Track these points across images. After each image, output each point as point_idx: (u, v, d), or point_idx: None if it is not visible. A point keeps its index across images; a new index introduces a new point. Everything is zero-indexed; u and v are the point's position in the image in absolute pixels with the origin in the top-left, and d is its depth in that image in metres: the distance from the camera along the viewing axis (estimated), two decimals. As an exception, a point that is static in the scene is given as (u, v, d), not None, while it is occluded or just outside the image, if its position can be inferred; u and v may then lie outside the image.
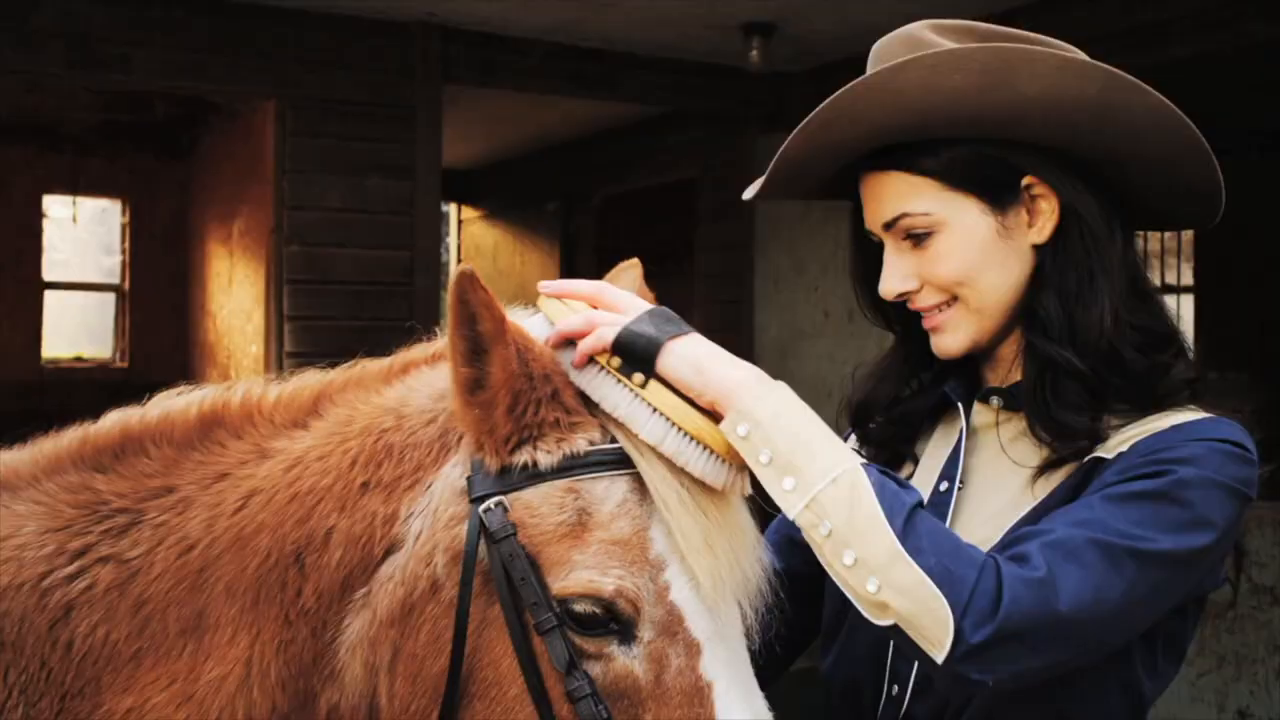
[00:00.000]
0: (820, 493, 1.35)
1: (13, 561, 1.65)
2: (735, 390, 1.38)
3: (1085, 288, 1.50)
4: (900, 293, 1.54)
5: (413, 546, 1.50)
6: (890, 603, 1.30)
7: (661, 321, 1.45)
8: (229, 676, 1.57)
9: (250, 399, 1.65)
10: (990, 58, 1.45)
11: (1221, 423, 1.46)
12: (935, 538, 1.32)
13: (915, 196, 1.51)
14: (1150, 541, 1.35)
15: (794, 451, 1.35)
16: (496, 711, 1.45)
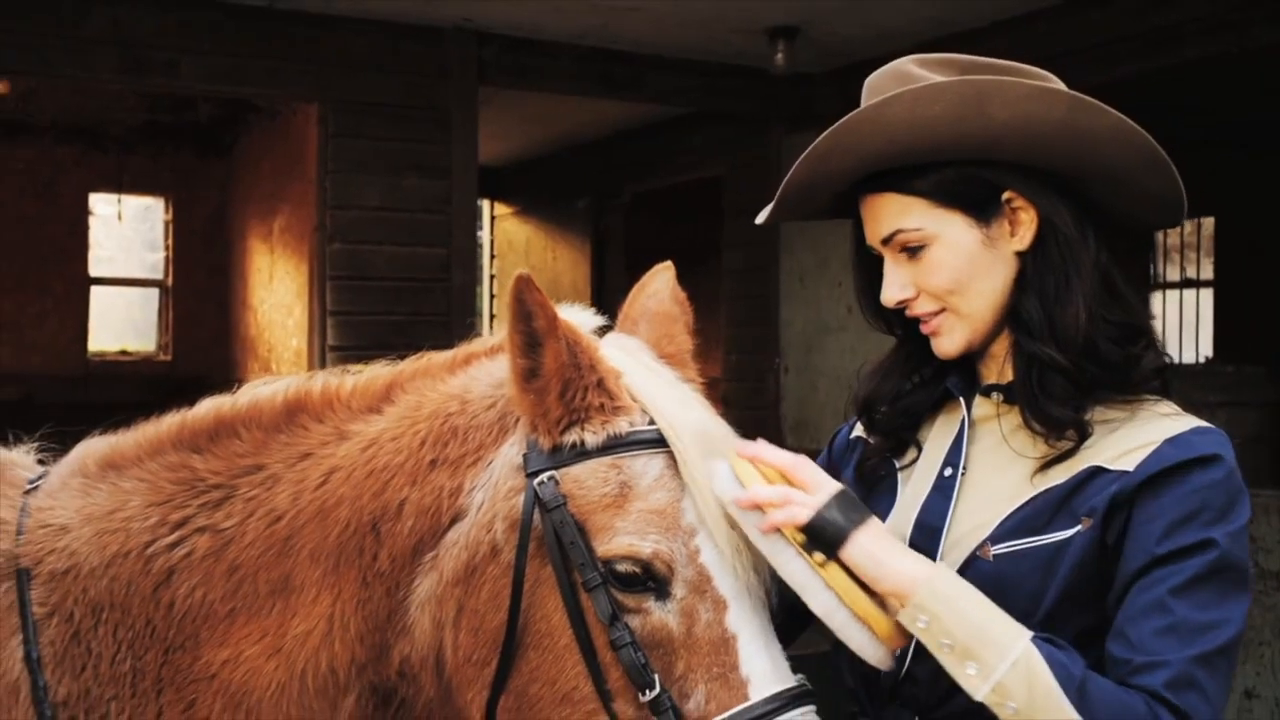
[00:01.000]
0: (1003, 677, 1.52)
1: (120, 532, 1.87)
2: (912, 586, 1.56)
3: (1062, 289, 1.68)
4: (899, 300, 1.73)
5: (475, 516, 1.71)
6: None
7: (849, 509, 1.61)
8: (314, 631, 1.79)
9: (330, 387, 1.86)
10: (965, 88, 1.63)
11: (1207, 434, 1.63)
12: (1106, 703, 1.52)
13: (908, 214, 1.70)
14: (1228, 627, 1.56)
15: (971, 639, 1.54)
16: (548, 659, 1.66)
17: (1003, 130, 1.64)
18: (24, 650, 1.84)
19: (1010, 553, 1.63)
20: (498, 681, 1.68)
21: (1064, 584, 1.61)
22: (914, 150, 1.66)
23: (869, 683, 1.78)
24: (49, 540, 1.90)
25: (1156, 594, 1.57)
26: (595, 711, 1.63)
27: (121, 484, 1.92)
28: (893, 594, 1.57)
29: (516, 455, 1.70)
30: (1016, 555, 1.63)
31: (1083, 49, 5.43)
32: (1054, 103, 1.63)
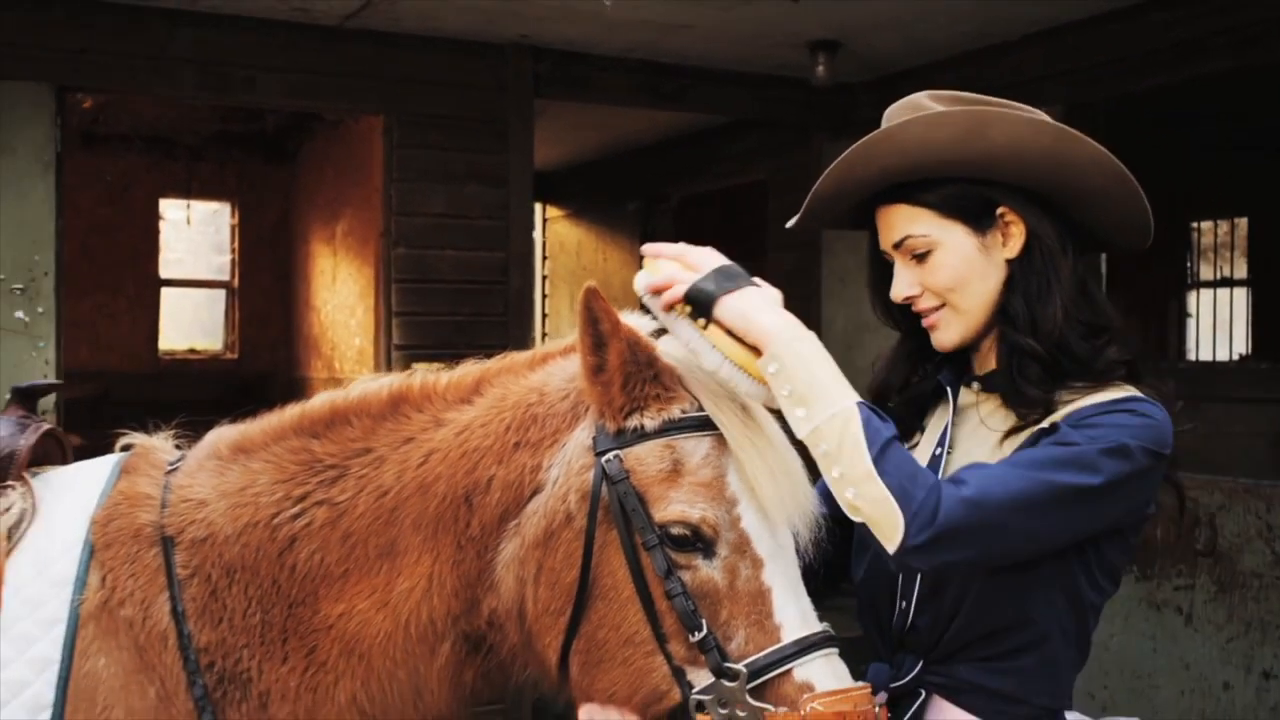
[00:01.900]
0: (822, 423, 1.83)
1: (250, 505, 2.20)
2: (769, 336, 1.86)
3: (1044, 291, 1.98)
4: (906, 296, 2.04)
5: (552, 489, 2.02)
6: (862, 508, 1.80)
7: (723, 279, 1.93)
8: (416, 588, 2.10)
9: (428, 382, 2.18)
10: (969, 117, 1.94)
11: (1138, 399, 1.94)
12: (900, 464, 1.80)
13: (916, 222, 2.01)
14: (1046, 476, 1.83)
15: (808, 388, 1.84)
16: (614, 608, 1.97)
17: (999, 153, 1.94)
18: (170, 605, 2.17)
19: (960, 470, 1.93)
20: (571, 628, 1.99)
21: None
22: (924, 166, 1.96)
23: (882, 632, 2.09)
24: (189, 513, 2.23)
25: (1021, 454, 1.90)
26: (653, 651, 1.94)
27: (251, 465, 2.25)
28: (755, 344, 1.87)
29: (587, 438, 2.01)
30: (963, 469, 1.92)
31: (1111, 61, 5.67)
32: (1043, 131, 1.94)
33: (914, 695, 2.02)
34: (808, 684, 1.86)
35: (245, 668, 2.15)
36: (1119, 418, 1.90)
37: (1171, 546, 5.39)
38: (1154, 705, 5.40)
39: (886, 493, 1.77)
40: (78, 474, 2.38)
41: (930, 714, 2.01)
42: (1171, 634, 5.39)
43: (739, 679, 1.86)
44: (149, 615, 2.16)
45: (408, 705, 2.15)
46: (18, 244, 5.42)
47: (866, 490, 1.79)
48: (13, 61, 5.38)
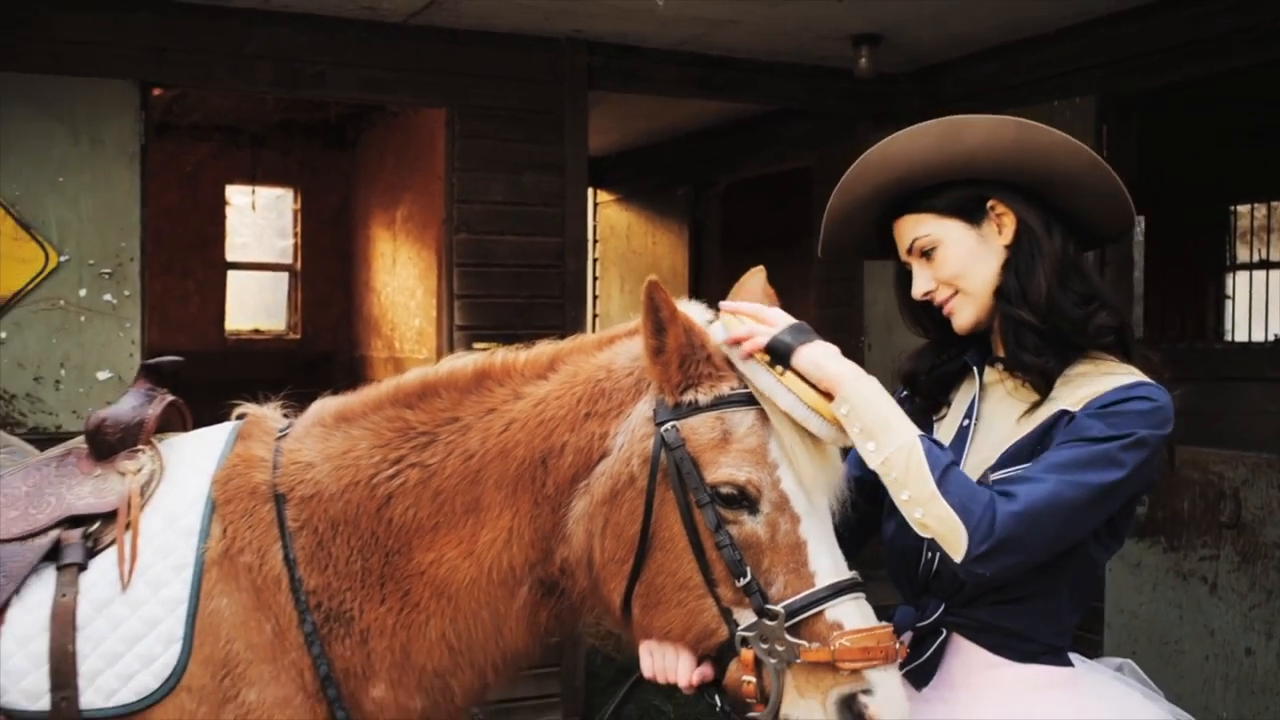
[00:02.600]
0: (890, 454, 2.11)
1: (352, 467, 2.50)
2: (840, 381, 2.15)
3: (1031, 267, 2.26)
4: (925, 292, 2.33)
5: (617, 454, 2.31)
6: (930, 524, 2.09)
7: (798, 333, 2.21)
8: (497, 539, 2.41)
9: (508, 360, 2.48)
10: (942, 125, 2.24)
11: (1144, 384, 2.21)
12: (960, 485, 2.09)
13: (920, 226, 2.30)
14: (1080, 478, 2.10)
15: (875, 425, 2.13)
16: (670, 557, 2.26)
17: (975, 151, 2.23)
18: (283, 553, 2.46)
19: (1005, 478, 2.22)
20: (633, 575, 2.27)
21: None
22: (912, 175, 2.26)
23: (910, 580, 2.37)
24: (298, 473, 2.53)
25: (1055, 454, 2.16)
26: (704, 594, 2.22)
27: (352, 432, 2.55)
28: (827, 389, 2.15)
29: (648, 410, 2.29)
30: (1009, 480, 2.21)
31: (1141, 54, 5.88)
32: (1006, 125, 2.24)
33: (936, 634, 2.30)
34: (838, 623, 2.14)
35: (348, 608, 2.45)
36: (1133, 404, 2.17)
37: (1198, 519, 5.62)
38: (1180, 670, 5.63)
39: (950, 510, 2.07)
40: (198, 439, 2.69)
41: (950, 650, 2.30)
42: (1197, 602, 5.61)
43: (778, 618, 2.13)
44: (265, 562, 2.46)
45: (489, 641, 2.45)
46: (105, 231, 5.75)
47: (932, 509, 2.08)
48: (101, 60, 5.70)
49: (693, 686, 2.25)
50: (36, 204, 5.65)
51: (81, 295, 5.72)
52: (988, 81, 6.67)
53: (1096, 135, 6.03)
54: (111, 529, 2.53)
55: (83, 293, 5.72)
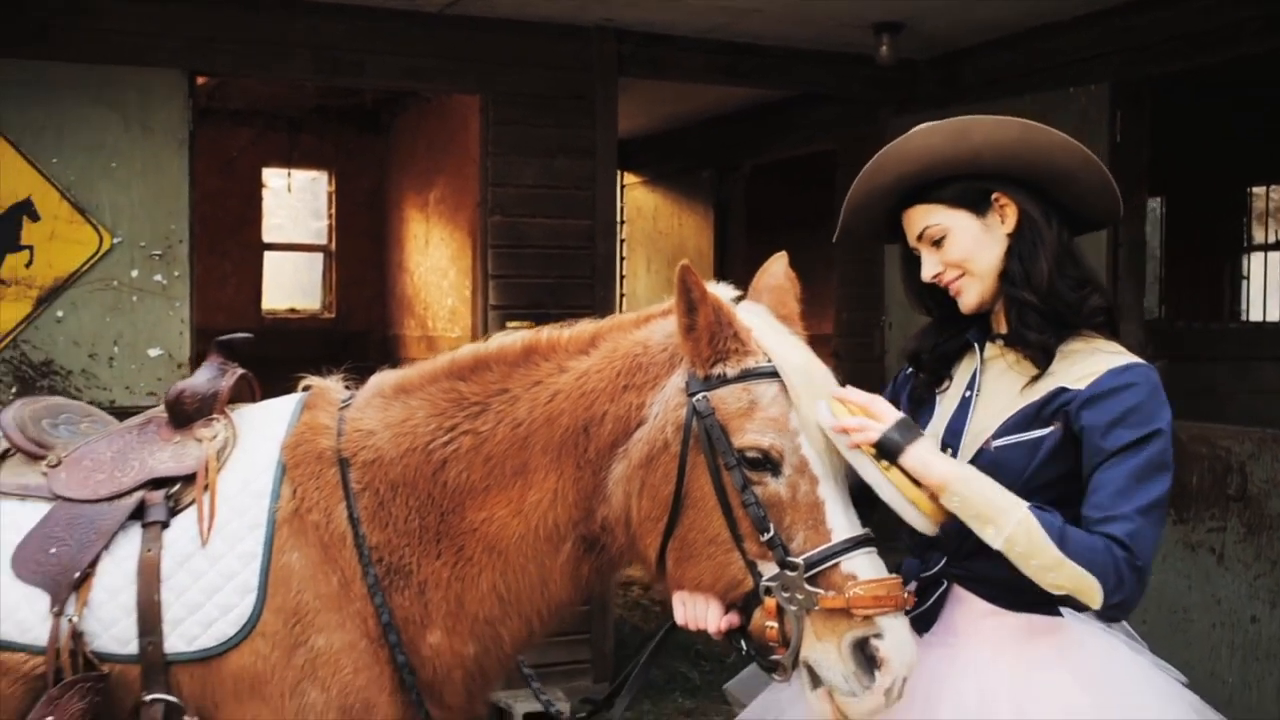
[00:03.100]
0: (1011, 532, 2.31)
1: (410, 434, 2.73)
2: (948, 480, 2.34)
3: (1033, 253, 2.49)
4: (933, 275, 2.54)
5: (653, 422, 2.54)
6: (1064, 585, 2.30)
7: (905, 431, 2.39)
8: (543, 500, 2.64)
9: (553, 337, 2.71)
10: (954, 124, 2.46)
11: (1136, 366, 2.43)
12: (1078, 543, 2.30)
13: (931, 215, 2.52)
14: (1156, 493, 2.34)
15: (989, 511, 2.33)
16: (701, 515, 2.48)
17: (981, 148, 2.46)
18: (347, 512, 2.69)
19: (1005, 445, 2.44)
20: (667, 531, 2.50)
21: (1039, 465, 2.42)
22: (931, 168, 2.48)
23: (916, 535, 2.60)
24: (360, 440, 2.77)
25: (1112, 474, 2.36)
26: (731, 548, 2.45)
27: (410, 402, 2.78)
28: (934, 487, 2.35)
29: (681, 382, 2.51)
30: (1009, 447, 2.43)
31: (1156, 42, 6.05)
32: (1011, 125, 2.46)
33: (938, 584, 2.54)
34: (852, 574, 2.36)
35: (407, 562, 2.68)
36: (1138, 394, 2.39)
37: (1206, 493, 5.82)
38: (1188, 637, 5.84)
39: (1080, 570, 2.29)
40: (268, 409, 2.94)
41: (950, 599, 2.53)
42: (1205, 572, 5.82)
43: (798, 570, 2.36)
44: (331, 520, 2.70)
45: (536, 593, 2.68)
46: (155, 214, 6.00)
47: (1064, 572, 2.30)
48: (151, 50, 5.94)
49: (721, 632, 2.48)
50: (91, 189, 5.90)
51: (133, 276, 5.97)
52: (1005, 68, 6.85)
53: (1110, 121, 6.20)
54: (191, 490, 2.77)
55: (134, 273, 5.97)
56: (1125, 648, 2.56)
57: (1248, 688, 5.60)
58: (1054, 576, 2.31)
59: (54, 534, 2.76)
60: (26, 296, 5.85)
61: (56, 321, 5.87)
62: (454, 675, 2.71)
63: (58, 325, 5.87)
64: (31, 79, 5.78)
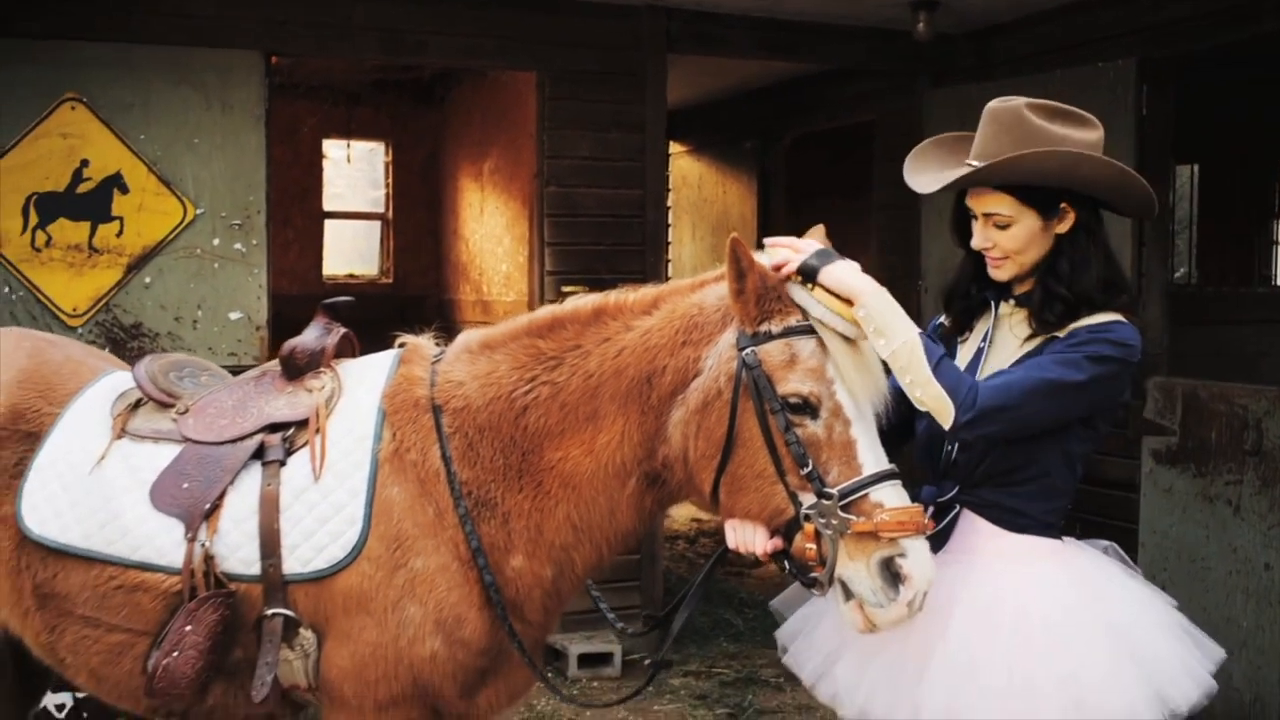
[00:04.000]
0: (897, 348, 2.71)
1: (495, 384, 3.11)
2: (857, 292, 2.73)
3: (1085, 263, 2.86)
4: (983, 246, 2.90)
5: (707, 373, 2.90)
6: (926, 401, 2.69)
7: (822, 256, 2.80)
8: (612, 441, 3.01)
9: (620, 299, 3.07)
10: (1070, 157, 2.78)
11: (1125, 326, 2.81)
12: (949, 371, 2.70)
13: (1003, 204, 2.87)
14: (1047, 375, 2.72)
15: (885, 325, 2.72)
16: (749, 453, 2.82)
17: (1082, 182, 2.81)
18: (440, 452, 3.07)
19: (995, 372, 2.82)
20: (720, 468, 2.85)
21: None
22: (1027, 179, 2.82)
23: (933, 465, 2.98)
24: (451, 390, 3.15)
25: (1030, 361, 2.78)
26: (775, 481, 2.80)
27: (494, 357, 3.16)
28: (848, 298, 2.73)
29: (732, 338, 2.86)
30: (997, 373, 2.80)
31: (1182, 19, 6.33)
32: (1112, 168, 2.81)
33: (950, 509, 2.92)
34: (880, 502, 2.72)
35: (493, 495, 3.07)
36: (1106, 333, 2.77)
37: (1224, 448, 6.14)
38: (1205, 585, 6.17)
39: (941, 390, 2.68)
40: (368, 363, 3.34)
41: (961, 522, 2.91)
42: (1222, 523, 6.13)
43: (833, 499, 2.72)
44: (426, 459, 3.09)
45: (605, 522, 3.06)
46: (235, 187, 6.42)
47: (929, 390, 2.70)
48: (231, 33, 6.34)
49: (767, 554, 2.86)
50: (175, 163, 6.33)
51: (215, 244, 6.40)
52: (1037, 43, 7.14)
53: (1137, 95, 6.48)
54: (303, 434, 3.18)
55: (216, 242, 6.40)
56: (1118, 568, 2.93)
57: (1261, 630, 5.92)
58: (920, 392, 2.73)
59: (185, 471, 3.18)
60: (117, 264, 6.28)
61: (145, 287, 6.30)
62: (533, 594, 3.10)
63: (146, 291, 6.31)
64: (120, 61, 6.20)
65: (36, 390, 3.38)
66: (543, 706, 6.51)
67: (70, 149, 6.17)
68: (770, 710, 6.51)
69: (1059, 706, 2.72)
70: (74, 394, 3.40)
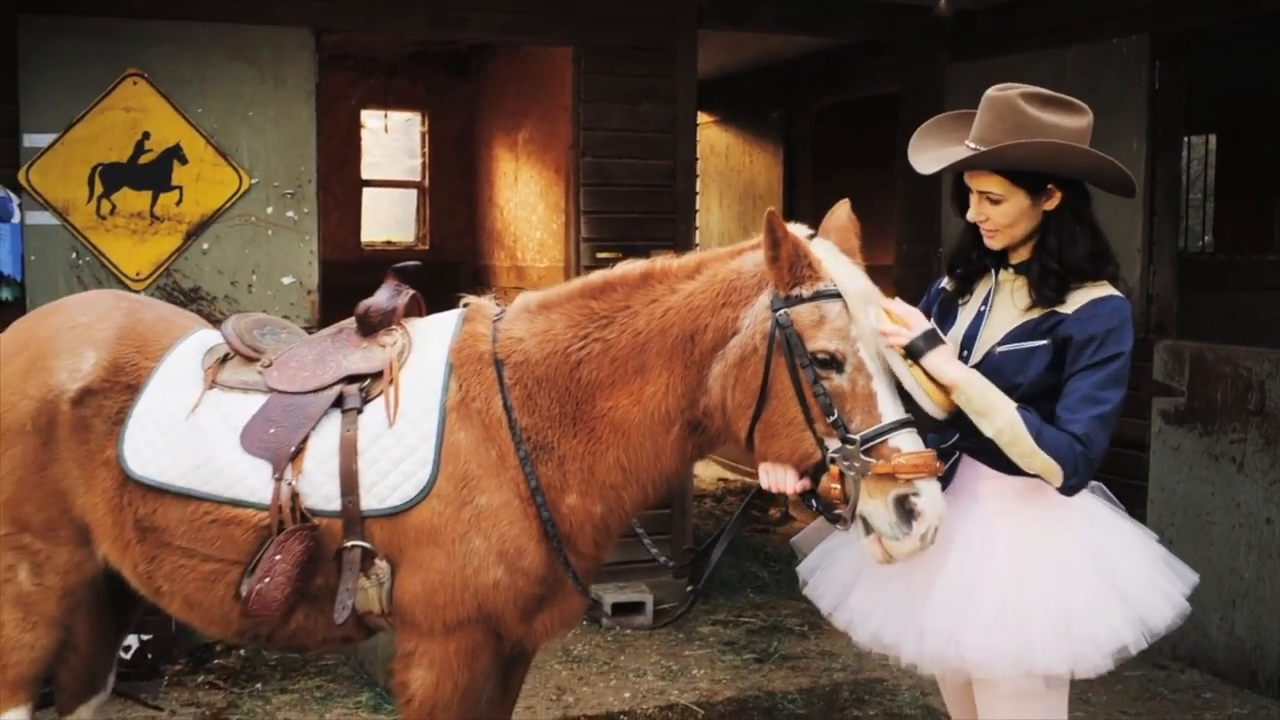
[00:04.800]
0: (1000, 426, 3.01)
1: (552, 341, 3.42)
2: (956, 382, 3.03)
3: (1072, 237, 3.15)
4: (977, 218, 3.21)
5: (745, 331, 3.19)
6: (1036, 468, 3.00)
7: (929, 339, 3.09)
8: (658, 392, 3.32)
9: (665, 264, 3.37)
10: (1056, 148, 3.07)
11: (1119, 299, 3.12)
12: (1051, 439, 3.01)
13: (995, 184, 3.16)
14: (1104, 410, 3.03)
15: (987, 408, 3.03)
16: (781, 403, 3.12)
17: (1067, 169, 3.11)
18: (502, 401, 3.38)
19: (1006, 351, 3.14)
20: (755, 416, 3.16)
21: (1034, 371, 3.12)
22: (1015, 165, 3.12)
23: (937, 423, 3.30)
24: (512, 345, 3.47)
25: (1081, 383, 3.06)
26: (805, 429, 3.10)
27: (550, 316, 3.48)
28: (948, 385, 3.04)
29: (767, 300, 3.16)
30: (1010, 352, 3.12)
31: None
32: (1091, 156, 3.10)
33: (952, 453, 3.25)
34: (897, 447, 3.02)
35: (550, 440, 3.39)
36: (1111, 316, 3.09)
37: (1229, 408, 6.45)
38: (1210, 538, 6.49)
39: (1049, 460, 3.02)
40: (435, 322, 3.66)
41: (962, 465, 3.25)
42: (1226, 479, 6.44)
43: (856, 444, 3.03)
44: (490, 407, 3.41)
45: (651, 464, 3.38)
46: (287, 158, 6.76)
47: (1036, 460, 3.03)
48: (283, 10, 6.65)
49: (796, 493, 3.19)
50: (231, 135, 6.67)
51: (268, 212, 6.74)
52: (1054, 19, 7.38)
53: (1149, 69, 6.75)
54: (378, 384, 3.51)
55: (269, 210, 6.74)
56: (1104, 505, 3.26)
57: (1262, 581, 6.25)
58: (1028, 462, 3.05)
59: (272, 418, 3.53)
60: (177, 231, 6.64)
61: (203, 253, 6.66)
62: (585, 529, 3.44)
63: (204, 256, 6.66)
64: (180, 38, 6.53)
65: (134, 346, 3.72)
66: (579, 650, 6.89)
67: (133, 122, 6.52)
68: (795, 655, 6.87)
69: (1051, 632, 3.06)
70: (167, 349, 3.73)
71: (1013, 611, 3.07)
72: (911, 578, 3.17)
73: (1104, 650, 3.05)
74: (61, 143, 6.43)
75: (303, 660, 6.58)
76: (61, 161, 6.43)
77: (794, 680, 6.49)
